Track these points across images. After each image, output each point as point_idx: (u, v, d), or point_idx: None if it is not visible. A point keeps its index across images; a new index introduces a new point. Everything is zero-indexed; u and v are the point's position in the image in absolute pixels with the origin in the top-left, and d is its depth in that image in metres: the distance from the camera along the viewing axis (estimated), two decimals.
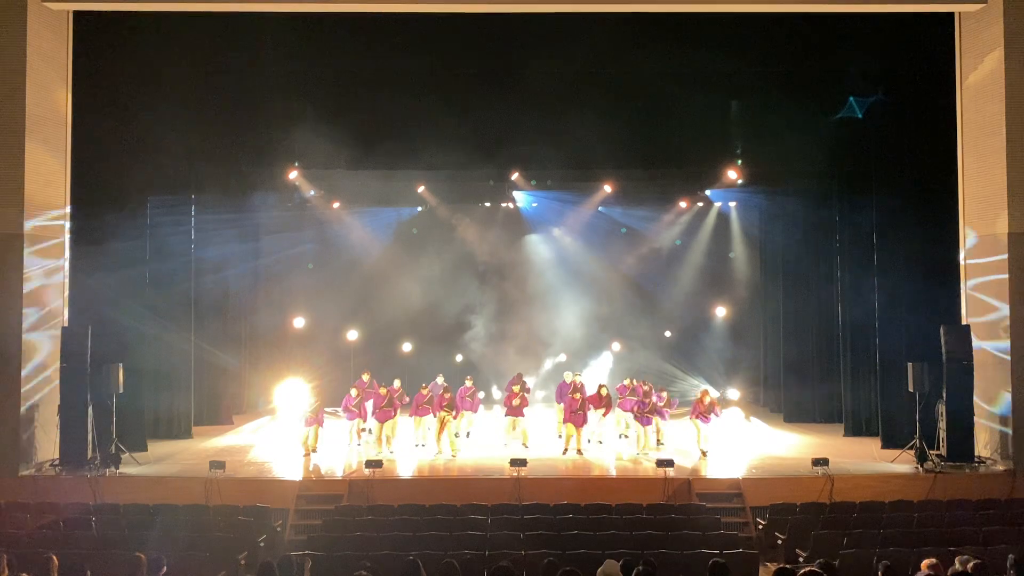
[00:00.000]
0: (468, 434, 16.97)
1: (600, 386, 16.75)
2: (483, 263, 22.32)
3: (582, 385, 16.35)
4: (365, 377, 17.04)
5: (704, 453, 15.24)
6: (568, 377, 17.02)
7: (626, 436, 16.66)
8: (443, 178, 20.21)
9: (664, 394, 16.41)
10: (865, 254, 17.05)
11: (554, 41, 15.35)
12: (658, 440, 15.99)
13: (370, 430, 16.64)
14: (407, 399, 16.52)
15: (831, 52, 15.54)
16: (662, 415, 16.00)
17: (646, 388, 16.11)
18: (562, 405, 16.46)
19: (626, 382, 17.17)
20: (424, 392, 16.21)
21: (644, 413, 15.58)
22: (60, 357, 14.25)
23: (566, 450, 15.56)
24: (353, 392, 16.29)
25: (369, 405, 16.47)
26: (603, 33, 15.17)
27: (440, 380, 17.40)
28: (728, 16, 14.74)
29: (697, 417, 15.50)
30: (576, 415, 15.62)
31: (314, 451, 15.38)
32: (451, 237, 22.16)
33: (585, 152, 16.85)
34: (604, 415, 16.67)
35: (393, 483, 13.74)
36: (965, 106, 14.97)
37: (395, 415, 16.06)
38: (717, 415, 15.73)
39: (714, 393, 16.98)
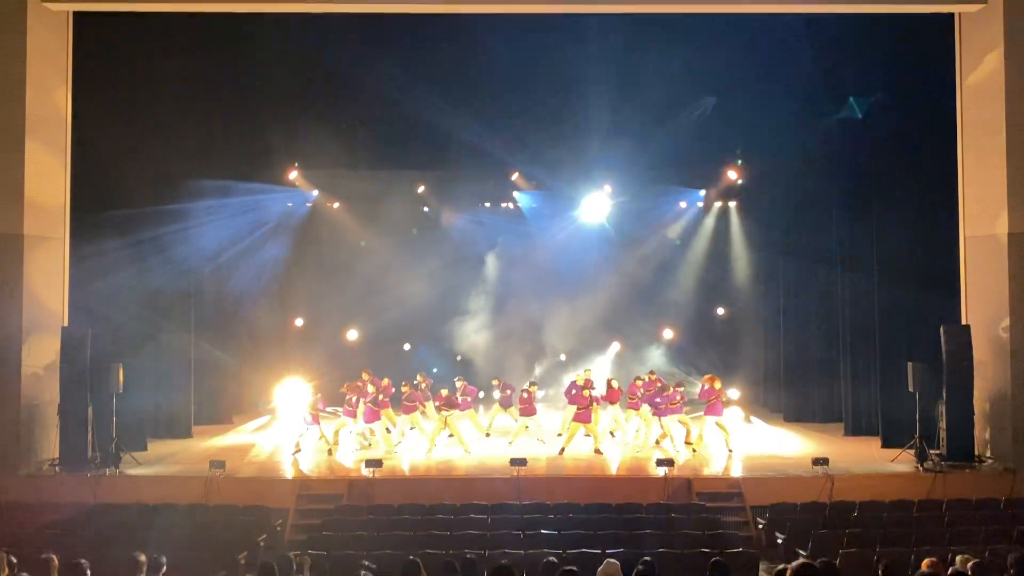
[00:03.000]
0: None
1: (609, 380, 16.71)
2: (483, 263, 22.30)
3: (589, 383, 16.37)
4: (365, 376, 16.98)
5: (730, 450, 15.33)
6: (579, 378, 17.07)
7: (632, 440, 16.62)
8: (443, 178, 20.21)
9: (681, 389, 16.28)
10: (865, 254, 17.04)
11: (554, 41, 15.38)
12: (658, 440, 15.97)
13: (364, 432, 16.40)
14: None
15: (831, 52, 15.54)
16: (678, 410, 15.95)
17: (659, 384, 16.20)
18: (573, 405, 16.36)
19: (647, 377, 17.16)
20: (404, 390, 16.21)
21: (661, 407, 15.64)
22: (60, 357, 14.24)
23: (563, 450, 15.54)
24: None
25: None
26: (603, 33, 15.20)
27: (418, 378, 17.37)
28: (728, 16, 14.75)
29: (710, 412, 15.45)
30: (583, 413, 15.61)
31: (336, 444, 15.47)
32: (451, 237, 22.14)
33: (585, 152, 16.87)
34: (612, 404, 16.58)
35: (393, 483, 13.73)
36: (965, 106, 14.97)
37: (381, 416, 15.90)
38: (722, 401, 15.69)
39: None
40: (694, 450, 15.39)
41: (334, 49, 15.65)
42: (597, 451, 15.58)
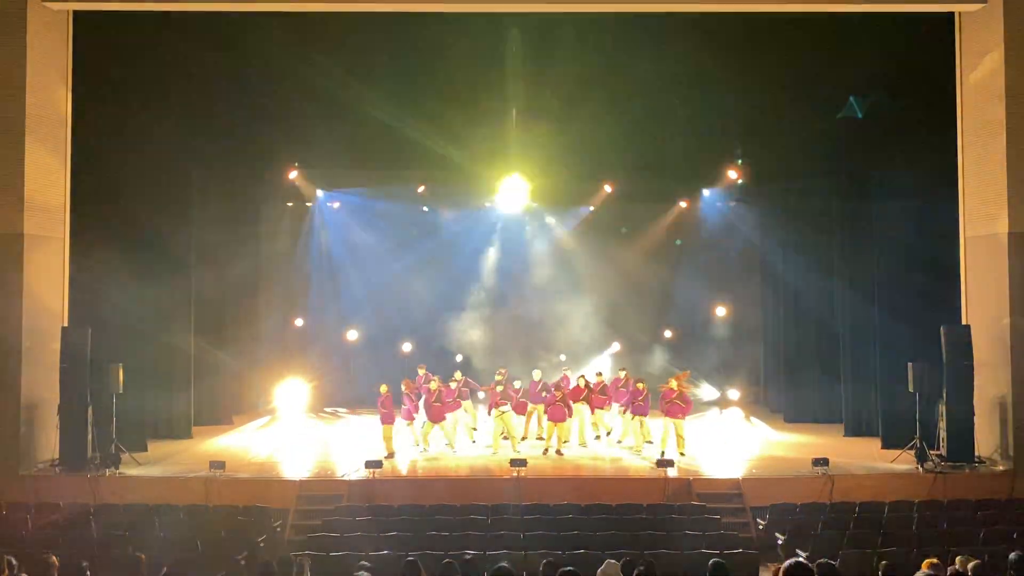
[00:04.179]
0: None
1: (580, 377, 16.62)
2: (483, 263, 22.31)
3: (565, 379, 16.37)
4: (421, 372, 16.92)
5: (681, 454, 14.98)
6: (536, 375, 17.00)
7: (620, 441, 16.59)
8: (443, 177, 20.20)
9: (640, 385, 16.00)
10: (865, 254, 17.04)
11: (554, 41, 15.37)
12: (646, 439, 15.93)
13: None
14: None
15: (831, 52, 15.54)
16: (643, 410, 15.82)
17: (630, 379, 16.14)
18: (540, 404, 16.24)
19: (621, 374, 17.14)
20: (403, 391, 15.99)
21: (637, 403, 15.55)
22: (60, 357, 14.22)
23: (547, 450, 15.54)
24: (402, 388, 16.00)
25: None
26: (604, 33, 15.21)
27: (457, 375, 17.25)
28: (728, 16, 14.75)
29: (667, 413, 15.23)
30: (555, 410, 15.54)
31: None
32: (451, 237, 22.16)
33: (585, 151, 16.86)
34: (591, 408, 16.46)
35: (393, 483, 13.74)
36: (965, 106, 14.96)
37: (449, 412, 15.88)
38: (685, 403, 15.29)
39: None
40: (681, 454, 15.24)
41: (334, 48, 15.66)
42: (547, 451, 15.49)
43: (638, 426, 15.70)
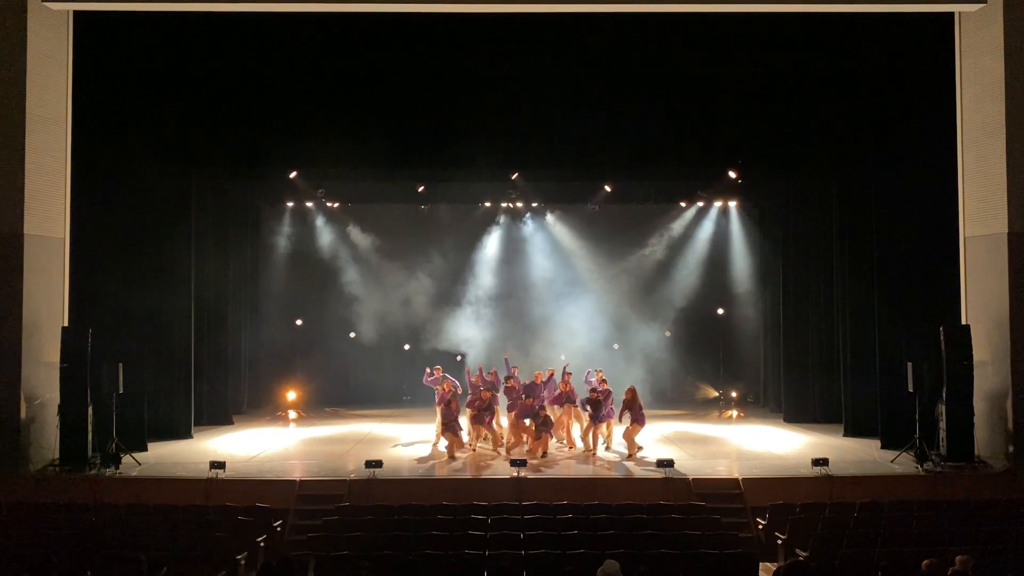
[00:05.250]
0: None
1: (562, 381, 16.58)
2: (482, 264, 22.32)
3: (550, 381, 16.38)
4: (437, 373, 16.78)
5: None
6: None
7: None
8: (442, 178, 20.19)
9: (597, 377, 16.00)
10: (865, 253, 17.04)
11: (554, 41, 15.38)
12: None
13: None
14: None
15: (831, 51, 15.54)
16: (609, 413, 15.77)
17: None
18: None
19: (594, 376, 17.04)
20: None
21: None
22: (60, 357, 14.22)
23: (544, 452, 15.49)
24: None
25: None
26: (604, 34, 15.21)
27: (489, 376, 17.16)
28: (728, 16, 14.75)
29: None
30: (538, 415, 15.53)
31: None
32: (451, 237, 22.18)
33: (585, 151, 16.86)
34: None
35: (393, 483, 13.72)
36: (965, 106, 14.98)
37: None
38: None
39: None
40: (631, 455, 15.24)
41: (333, 48, 15.65)
42: (544, 453, 15.42)
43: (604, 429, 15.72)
